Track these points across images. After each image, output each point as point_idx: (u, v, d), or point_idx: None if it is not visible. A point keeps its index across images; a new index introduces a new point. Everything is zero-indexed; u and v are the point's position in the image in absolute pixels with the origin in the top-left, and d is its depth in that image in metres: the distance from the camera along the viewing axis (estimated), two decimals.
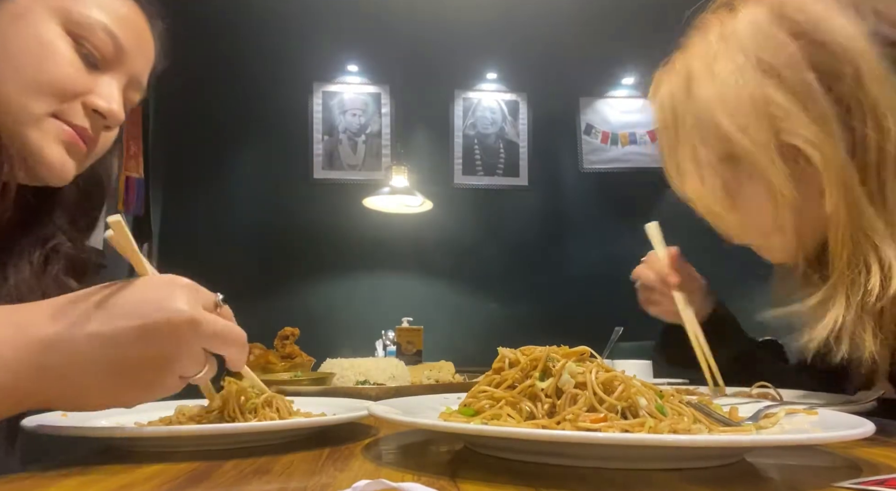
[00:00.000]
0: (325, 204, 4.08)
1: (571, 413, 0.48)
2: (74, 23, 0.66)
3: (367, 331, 3.57)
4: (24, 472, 0.46)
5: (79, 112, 0.67)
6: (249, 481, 0.44)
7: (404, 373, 1.19)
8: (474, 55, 4.33)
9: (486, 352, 0.87)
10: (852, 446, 0.55)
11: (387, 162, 4.01)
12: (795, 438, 0.44)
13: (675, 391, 0.54)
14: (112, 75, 0.70)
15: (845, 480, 0.41)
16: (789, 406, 0.59)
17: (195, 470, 0.46)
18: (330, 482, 0.43)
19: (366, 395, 0.94)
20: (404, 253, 4.06)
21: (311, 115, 4.21)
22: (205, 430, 0.55)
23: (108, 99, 0.69)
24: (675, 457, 0.46)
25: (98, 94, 0.68)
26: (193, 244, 3.82)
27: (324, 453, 0.53)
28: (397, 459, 0.53)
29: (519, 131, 4.35)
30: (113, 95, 0.69)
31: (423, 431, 0.63)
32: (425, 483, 0.34)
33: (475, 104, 4.37)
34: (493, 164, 4.30)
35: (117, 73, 0.71)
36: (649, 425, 0.46)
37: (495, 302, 4.07)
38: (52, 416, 0.59)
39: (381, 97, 4.30)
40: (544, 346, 0.56)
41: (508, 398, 0.52)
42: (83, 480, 0.44)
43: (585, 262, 4.15)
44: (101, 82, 0.69)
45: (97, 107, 0.68)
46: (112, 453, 0.53)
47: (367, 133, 4.26)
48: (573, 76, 4.35)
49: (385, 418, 0.52)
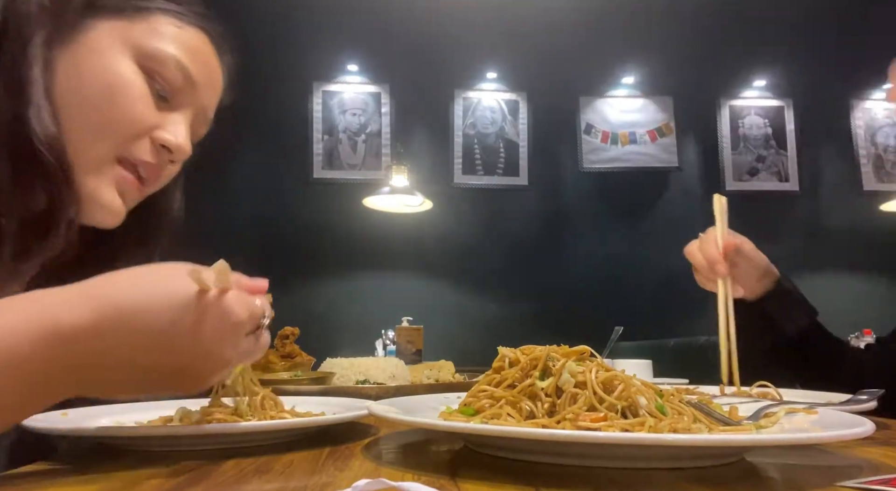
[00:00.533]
0: (324, 203, 4.08)
1: (571, 412, 0.48)
2: (148, 57, 0.66)
3: (367, 330, 3.57)
4: (24, 472, 0.46)
5: (145, 147, 0.67)
6: (249, 481, 0.44)
7: (404, 372, 1.19)
8: (474, 55, 4.33)
9: (485, 351, 0.87)
10: (852, 446, 0.55)
11: (387, 161, 4.01)
12: (795, 438, 0.44)
13: (675, 391, 0.54)
14: (182, 109, 0.70)
15: (845, 479, 0.41)
16: (789, 405, 0.59)
17: (195, 470, 0.46)
18: (330, 481, 0.43)
19: (366, 394, 0.94)
20: (404, 252, 4.06)
21: (310, 115, 4.21)
22: (205, 430, 0.55)
23: (176, 133, 0.68)
24: (675, 456, 0.46)
25: (166, 128, 0.68)
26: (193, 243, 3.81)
27: (324, 453, 0.53)
28: (397, 459, 0.53)
29: (519, 131, 4.35)
30: (181, 130, 0.69)
31: (423, 430, 0.63)
32: (425, 482, 0.34)
33: (475, 104, 4.37)
34: (493, 163, 4.30)
35: (187, 107, 0.70)
36: (649, 425, 0.46)
37: (495, 301, 4.07)
38: (52, 415, 0.59)
39: (381, 97, 4.30)
40: (544, 345, 0.56)
41: (508, 397, 0.52)
42: (83, 480, 0.44)
43: (585, 261, 4.15)
44: (170, 117, 0.69)
45: (165, 142, 0.67)
46: (112, 453, 0.53)
47: (367, 133, 4.26)
48: (573, 76, 4.35)
49: (385, 418, 0.52)
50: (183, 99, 0.70)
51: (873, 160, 4.41)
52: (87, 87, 0.64)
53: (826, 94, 4.40)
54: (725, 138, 4.41)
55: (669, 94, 4.41)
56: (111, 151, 0.65)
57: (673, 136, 4.37)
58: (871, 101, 4.49)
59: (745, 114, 4.46)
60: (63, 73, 0.63)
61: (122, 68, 0.65)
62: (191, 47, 0.70)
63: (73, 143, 0.63)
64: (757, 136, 4.43)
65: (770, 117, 4.46)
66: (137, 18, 0.67)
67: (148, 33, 0.67)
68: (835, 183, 4.38)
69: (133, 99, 0.65)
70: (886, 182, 4.36)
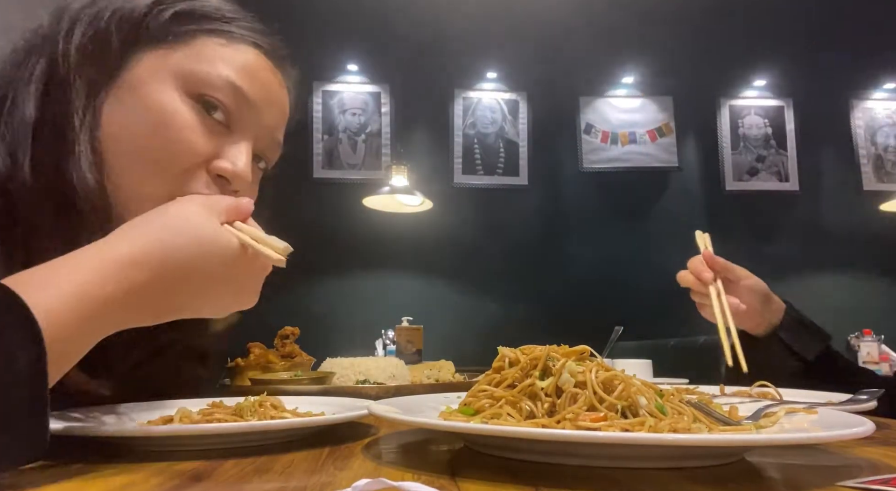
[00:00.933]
0: (324, 203, 4.08)
1: (571, 412, 0.48)
2: (196, 82, 0.63)
3: (367, 330, 3.57)
4: (24, 471, 0.46)
5: (202, 181, 0.63)
6: (249, 481, 0.44)
7: (404, 372, 1.19)
8: (474, 55, 4.34)
9: (485, 351, 0.87)
10: (852, 446, 0.55)
11: (387, 161, 4.01)
12: (795, 438, 0.44)
13: (675, 391, 0.54)
14: (241, 133, 0.66)
15: (845, 479, 0.41)
16: (789, 405, 0.59)
17: (195, 470, 0.46)
18: (330, 481, 0.43)
19: (366, 394, 0.94)
20: (404, 252, 4.06)
21: (310, 115, 4.21)
22: (205, 429, 0.55)
23: (235, 160, 0.64)
24: (675, 456, 0.46)
25: (225, 156, 0.64)
26: None
27: (324, 453, 0.53)
28: (397, 458, 0.53)
29: (519, 131, 4.35)
30: (239, 156, 0.64)
31: (423, 430, 0.63)
32: (425, 482, 0.34)
33: (475, 103, 4.37)
34: (493, 163, 4.30)
35: (247, 130, 0.66)
36: (649, 424, 0.46)
37: (495, 301, 4.07)
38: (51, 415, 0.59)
39: (381, 96, 4.30)
40: (544, 345, 0.56)
41: (508, 397, 0.52)
42: (83, 480, 0.44)
43: (585, 261, 4.15)
44: (227, 143, 0.64)
45: (221, 171, 0.63)
46: (112, 453, 0.53)
47: (367, 132, 4.26)
48: (573, 76, 4.35)
49: (385, 417, 0.52)
50: (243, 122, 0.65)
51: (873, 160, 4.41)
52: (132, 127, 0.61)
53: (826, 94, 4.41)
54: (725, 138, 4.41)
55: (669, 94, 4.41)
56: (163, 190, 0.61)
57: (673, 136, 4.37)
58: (871, 101, 4.49)
59: (744, 114, 4.46)
60: (108, 117, 0.61)
61: (165, 100, 0.61)
62: (242, 65, 0.65)
63: (125, 187, 0.60)
64: (757, 136, 4.43)
65: (770, 117, 4.46)
66: (180, 44, 0.64)
67: (192, 58, 0.63)
68: (835, 183, 4.38)
69: (178, 131, 0.61)
70: (886, 182, 4.36)
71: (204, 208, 0.54)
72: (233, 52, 0.66)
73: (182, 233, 0.51)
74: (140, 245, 0.50)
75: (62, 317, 0.44)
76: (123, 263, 0.48)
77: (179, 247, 0.51)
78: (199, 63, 0.63)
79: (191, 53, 0.64)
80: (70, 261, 0.48)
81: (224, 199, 0.58)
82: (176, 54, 0.63)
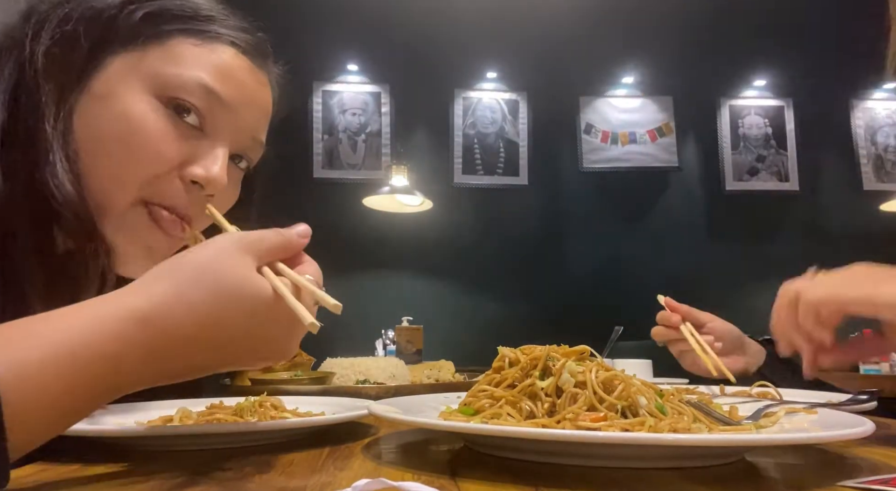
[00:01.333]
0: (324, 203, 4.08)
1: (571, 412, 0.48)
2: (167, 86, 0.60)
3: (367, 330, 3.57)
4: (24, 472, 0.46)
5: (174, 188, 0.61)
6: (249, 481, 0.44)
7: (404, 372, 1.19)
8: (474, 54, 4.33)
9: (485, 351, 0.87)
10: (852, 446, 0.55)
11: (387, 161, 4.01)
12: (795, 438, 0.44)
13: (675, 391, 0.54)
14: (216, 136, 0.63)
15: (845, 479, 0.41)
16: (789, 405, 0.59)
17: (195, 470, 0.46)
18: (330, 481, 0.43)
19: (366, 394, 0.94)
20: (404, 252, 4.06)
21: (310, 115, 4.21)
22: (205, 429, 0.55)
23: (208, 166, 0.61)
24: (675, 456, 0.46)
25: (198, 161, 0.61)
26: None
27: (324, 452, 0.53)
28: (397, 458, 0.53)
29: (519, 131, 4.35)
30: (214, 161, 0.62)
31: (423, 430, 0.63)
32: (425, 482, 0.34)
33: (475, 103, 4.37)
34: (493, 163, 4.30)
35: (222, 133, 0.64)
36: (649, 424, 0.46)
37: (495, 301, 4.07)
38: None
39: (381, 96, 4.30)
40: (544, 345, 0.56)
41: (508, 397, 0.52)
42: (83, 480, 0.44)
43: (585, 261, 4.15)
44: (201, 148, 0.62)
45: (194, 177, 0.61)
46: (112, 453, 0.53)
47: (367, 132, 4.26)
48: (573, 75, 4.35)
49: (385, 417, 0.52)
50: (218, 125, 0.63)
51: (873, 160, 4.41)
52: (103, 132, 0.59)
53: (826, 94, 4.40)
54: (725, 138, 4.40)
55: (669, 94, 4.41)
56: (133, 197, 0.59)
57: (673, 136, 4.37)
58: (871, 101, 4.48)
59: (744, 113, 4.46)
60: (79, 122, 0.59)
61: (135, 105, 0.59)
62: (216, 66, 0.63)
63: (97, 193, 0.59)
64: (757, 136, 4.43)
65: (770, 117, 4.46)
66: (152, 46, 0.61)
67: (164, 60, 0.61)
68: (835, 183, 4.38)
69: (147, 137, 0.59)
70: (886, 182, 4.36)
71: (238, 250, 0.47)
72: (207, 52, 0.63)
73: (201, 285, 0.44)
74: (157, 300, 0.43)
75: (41, 373, 0.38)
76: (128, 318, 0.42)
77: (197, 302, 0.44)
78: (171, 65, 0.61)
79: (163, 55, 0.61)
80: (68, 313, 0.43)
81: (268, 237, 0.51)
82: (148, 57, 0.61)
